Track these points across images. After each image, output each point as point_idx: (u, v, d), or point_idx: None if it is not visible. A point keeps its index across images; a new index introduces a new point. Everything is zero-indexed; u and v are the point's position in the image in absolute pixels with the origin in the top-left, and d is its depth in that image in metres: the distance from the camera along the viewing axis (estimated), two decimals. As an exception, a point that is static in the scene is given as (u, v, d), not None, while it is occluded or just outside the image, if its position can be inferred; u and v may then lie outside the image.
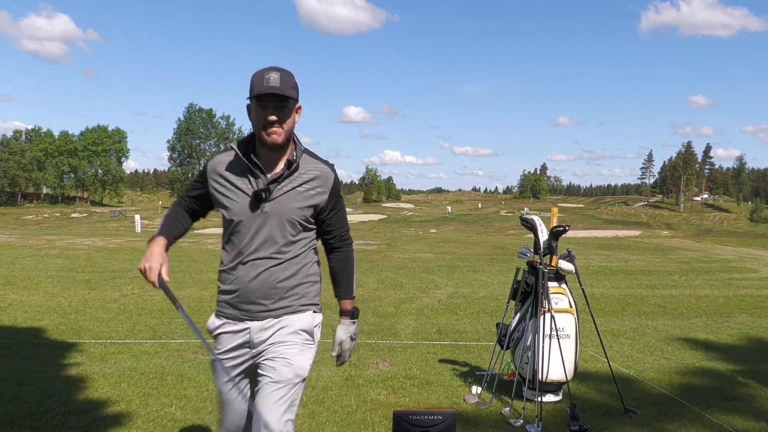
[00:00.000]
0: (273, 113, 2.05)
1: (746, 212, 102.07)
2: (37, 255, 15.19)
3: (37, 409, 3.87)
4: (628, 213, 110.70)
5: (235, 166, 2.17)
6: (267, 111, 2.05)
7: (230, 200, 2.15)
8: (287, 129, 2.10)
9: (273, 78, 2.03)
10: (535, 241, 4.38)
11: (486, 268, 13.96)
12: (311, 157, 2.22)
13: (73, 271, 11.87)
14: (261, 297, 2.17)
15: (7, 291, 9.12)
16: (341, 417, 3.87)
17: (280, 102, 2.06)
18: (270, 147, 2.11)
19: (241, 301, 2.19)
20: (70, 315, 7.33)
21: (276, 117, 2.05)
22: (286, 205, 2.13)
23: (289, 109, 2.09)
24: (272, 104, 2.05)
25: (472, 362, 5.38)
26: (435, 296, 9.56)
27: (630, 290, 10.81)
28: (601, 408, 4.18)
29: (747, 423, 3.94)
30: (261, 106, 2.06)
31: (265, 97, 2.04)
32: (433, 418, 2.84)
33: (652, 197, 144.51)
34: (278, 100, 2.05)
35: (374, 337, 6.37)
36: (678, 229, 71.50)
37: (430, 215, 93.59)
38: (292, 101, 2.09)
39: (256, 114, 2.09)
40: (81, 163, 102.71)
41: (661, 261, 16.97)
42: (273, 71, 2.05)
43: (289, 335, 2.19)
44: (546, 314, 4.15)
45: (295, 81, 2.12)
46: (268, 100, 2.04)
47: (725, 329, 7.34)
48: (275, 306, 2.18)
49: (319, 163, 2.22)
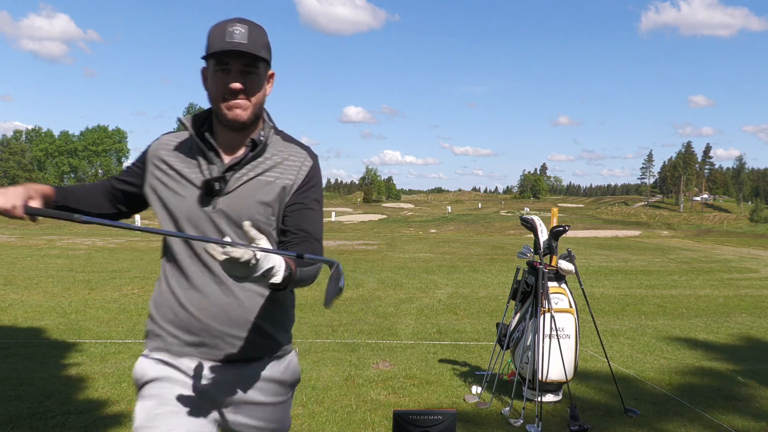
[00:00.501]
0: (237, 80, 1.52)
1: (746, 212, 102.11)
2: (37, 255, 15.20)
3: (37, 409, 3.87)
4: (628, 213, 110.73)
5: (184, 149, 1.63)
6: (229, 77, 1.52)
7: (174, 194, 1.59)
8: (255, 102, 1.57)
9: (239, 32, 1.50)
10: (535, 241, 4.38)
11: (486, 268, 13.96)
12: (285, 141, 1.68)
13: (73, 271, 11.87)
14: (214, 331, 1.57)
15: (7, 291, 9.12)
16: (341, 417, 3.87)
17: (248, 65, 1.53)
18: (231, 125, 1.56)
19: (187, 336, 1.58)
20: (70, 315, 7.33)
21: (241, 85, 1.52)
22: (246, 199, 1.56)
23: (259, 75, 1.56)
24: (237, 68, 1.52)
25: (472, 362, 5.38)
26: (435, 296, 9.56)
27: (630, 290, 10.81)
28: (601, 408, 4.18)
29: (747, 423, 3.94)
30: (221, 70, 1.52)
31: (227, 58, 1.51)
32: (433, 418, 2.85)
33: (652, 197, 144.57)
34: (245, 62, 1.52)
35: (374, 337, 6.37)
36: (678, 229, 71.52)
37: (430, 215, 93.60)
38: (263, 65, 1.57)
39: (214, 80, 1.54)
40: (81, 163, 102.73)
41: (661, 261, 16.97)
42: (238, 24, 1.52)
43: (256, 391, 1.63)
44: (546, 314, 4.15)
45: (267, 39, 1.59)
46: (231, 61, 1.51)
47: (725, 329, 7.34)
48: (233, 345, 1.58)
49: (294, 146, 1.67)
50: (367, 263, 14.61)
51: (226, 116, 1.55)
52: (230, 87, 1.52)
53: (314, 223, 1.61)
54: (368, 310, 8.09)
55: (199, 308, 1.57)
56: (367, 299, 8.95)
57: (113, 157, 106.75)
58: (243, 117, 1.55)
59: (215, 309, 1.57)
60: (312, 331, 6.55)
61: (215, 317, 1.57)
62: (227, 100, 1.54)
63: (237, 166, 1.58)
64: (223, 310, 1.57)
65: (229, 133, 1.60)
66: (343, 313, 7.78)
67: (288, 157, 1.63)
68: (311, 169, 1.65)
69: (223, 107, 1.54)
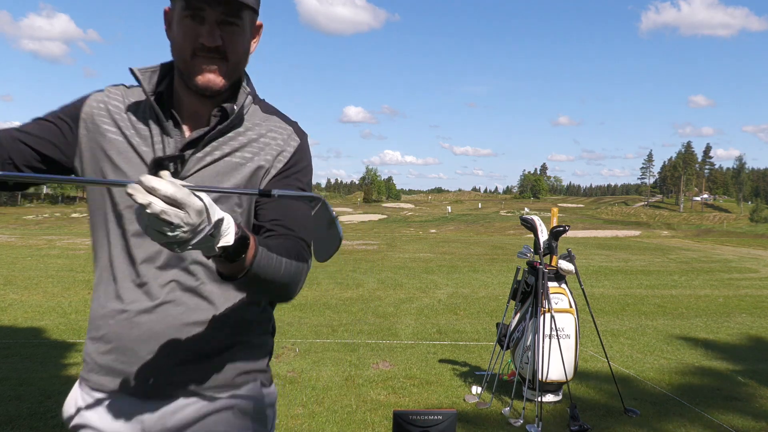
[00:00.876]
0: (214, 33, 1.11)
1: (746, 212, 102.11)
2: (37, 255, 15.20)
3: (37, 409, 3.87)
4: (628, 213, 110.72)
5: (133, 110, 1.21)
6: (202, 27, 1.11)
7: (114, 168, 1.17)
8: (235, 63, 1.17)
9: None
10: (535, 241, 4.38)
11: (486, 268, 13.96)
12: (266, 112, 1.27)
13: (73, 271, 11.87)
14: (165, 361, 1.16)
15: (7, 291, 9.12)
16: (341, 417, 3.87)
17: (229, 14, 1.12)
18: (200, 91, 1.16)
19: (129, 366, 1.17)
20: (70, 315, 7.33)
21: (219, 41, 1.12)
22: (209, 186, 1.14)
23: (243, 28, 1.16)
24: (214, 17, 1.11)
25: (472, 362, 5.38)
26: (435, 296, 9.56)
27: (630, 290, 10.81)
28: (601, 408, 4.18)
29: (747, 423, 3.94)
30: (192, 17, 1.11)
31: (201, 2, 1.10)
32: (433, 418, 2.85)
33: (651, 197, 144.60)
34: (225, 10, 1.11)
35: (374, 337, 6.37)
36: (678, 229, 71.51)
37: (430, 215, 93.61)
38: (249, 14, 1.16)
39: (181, 29, 1.13)
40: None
41: (661, 261, 16.97)
42: None
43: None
44: (546, 314, 4.15)
45: None
46: (207, 8, 1.10)
47: (725, 329, 7.34)
48: (190, 377, 1.18)
49: (277, 119, 1.27)
50: (367, 263, 14.61)
51: (194, 80, 1.14)
52: (203, 43, 1.11)
53: (298, 217, 1.17)
54: (368, 310, 8.09)
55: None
56: (367, 299, 8.95)
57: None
58: (217, 83, 1.15)
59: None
60: (312, 331, 6.55)
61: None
62: (197, 57, 1.13)
63: (200, 142, 1.16)
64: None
65: (195, 99, 1.19)
66: (343, 313, 7.78)
67: (266, 132, 1.23)
68: (297, 150, 1.24)
69: (193, 67, 1.13)
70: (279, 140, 1.23)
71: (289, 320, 7.16)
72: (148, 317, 1.15)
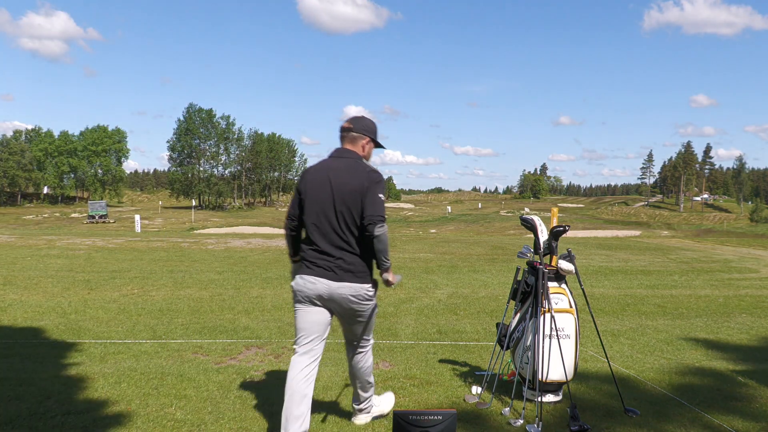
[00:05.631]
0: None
1: (746, 212, 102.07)
2: (37, 255, 15.20)
3: (37, 409, 3.87)
4: (628, 213, 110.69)
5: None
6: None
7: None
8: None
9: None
10: (535, 241, 4.37)
11: (486, 268, 13.96)
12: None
13: (73, 271, 11.87)
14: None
15: (7, 291, 9.13)
16: (341, 417, 3.87)
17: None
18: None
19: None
20: (70, 315, 7.33)
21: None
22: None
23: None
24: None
25: (472, 362, 5.38)
26: (435, 296, 9.56)
27: (630, 290, 10.81)
28: (601, 408, 4.18)
29: (747, 423, 3.94)
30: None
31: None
32: (433, 418, 2.84)
33: (652, 197, 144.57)
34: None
35: (374, 337, 6.36)
36: (678, 229, 71.48)
37: (430, 215, 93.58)
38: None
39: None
40: (81, 163, 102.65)
41: (661, 261, 16.97)
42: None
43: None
44: (546, 314, 4.15)
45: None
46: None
47: (725, 329, 7.34)
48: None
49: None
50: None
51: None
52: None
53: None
54: (368, 310, 8.09)
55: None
56: (367, 299, 8.96)
57: (113, 157, 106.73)
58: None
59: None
60: (312, 331, 6.55)
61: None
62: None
63: None
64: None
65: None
66: (343, 313, 7.78)
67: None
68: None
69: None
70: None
71: (289, 320, 7.16)
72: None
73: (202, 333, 6.43)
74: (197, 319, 7.27)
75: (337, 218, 3.29)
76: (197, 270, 12.55)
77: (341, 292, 3.28)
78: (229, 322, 7.02)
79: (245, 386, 4.49)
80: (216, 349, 5.67)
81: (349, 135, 3.48)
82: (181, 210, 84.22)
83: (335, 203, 3.28)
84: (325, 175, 3.35)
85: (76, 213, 73.62)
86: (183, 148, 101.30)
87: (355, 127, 3.49)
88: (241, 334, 6.38)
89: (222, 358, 5.38)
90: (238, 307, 8.07)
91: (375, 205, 3.22)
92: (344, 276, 3.28)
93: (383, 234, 3.20)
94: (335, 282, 3.28)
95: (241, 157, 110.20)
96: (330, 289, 3.29)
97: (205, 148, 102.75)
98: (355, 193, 3.25)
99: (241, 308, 8.01)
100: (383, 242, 3.21)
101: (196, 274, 11.87)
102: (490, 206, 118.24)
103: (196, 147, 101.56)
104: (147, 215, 67.07)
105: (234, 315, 7.54)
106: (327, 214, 3.30)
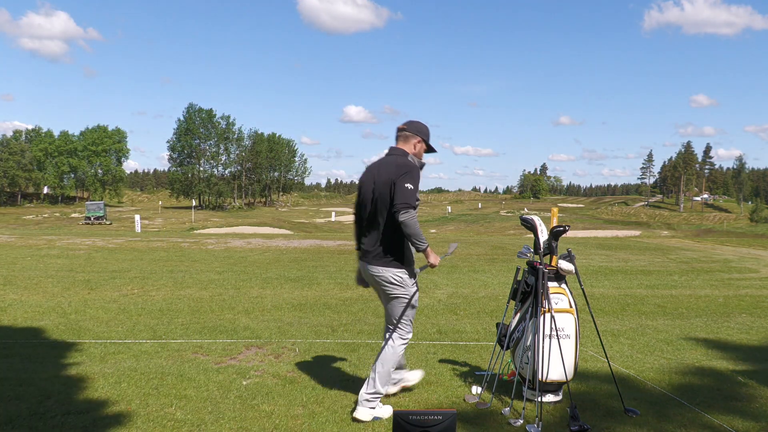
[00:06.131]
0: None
1: (746, 212, 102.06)
2: (37, 255, 15.20)
3: (37, 409, 3.87)
4: (628, 213, 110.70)
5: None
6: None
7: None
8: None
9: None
10: (535, 241, 4.38)
11: (486, 268, 13.96)
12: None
13: (73, 271, 11.87)
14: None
15: (7, 291, 9.13)
16: (341, 417, 3.87)
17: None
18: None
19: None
20: (70, 315, 7.33)
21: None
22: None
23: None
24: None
25: (472, 362, 5.38)
26: (435, 296, 9.56)
27: (630, 290, 10.81)
28: (601, 408, 4.18)
29: (747, 423, 3.94)
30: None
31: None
32: (433, 418, 2.84)
33: (652, 197, 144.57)
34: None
35: (374, 337, 6.36)
36: (678, 229, 71.49)
37: (430, 215, 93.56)
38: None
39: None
40: (81, 163, 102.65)
41: (661, 261, 16.96)
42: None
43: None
44: (546, 314, 4.15)
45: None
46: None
47: (725, 329, 7.34)
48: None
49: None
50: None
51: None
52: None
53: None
54: (368, 310, 8.09)
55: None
56: (367, 299, 8.94)
57: (113, 157, 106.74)
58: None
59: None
60: (312, 331, 6.55)
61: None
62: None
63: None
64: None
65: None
66: (343, 313, 7.78)
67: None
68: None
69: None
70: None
71: (289, 320, 7.16)
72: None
73: (202, 333, 6.43)
74: (197, 319, 7.27)
75: (375, 208, 3.81)
76: (197, 270, 12.55)
77: (372, 273, 3.87)
78: (229, 322, 7.02)
79: (245, 386, 4.49)
80: (216, 349, 5.67)
81: (402, 134, 3.97)
82: (181, 210, 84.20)
83: (374, 195, 3.80)
84: (370, 171, 3.90)
85: (76, 213, 73.60)
86: (183, 148, 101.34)
87: (409, 128, 3.97)
88: (241, 334, 6.38)
89: (222, 358, 5.38)
90: (238, 307, 8.07)
91: (400, 194, 3.60)
92: (374, 260, 3.85)
93: (408, 219, 3.58)
94: (369, 266, 3.89)
95: (241, 157, 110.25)
96: (367, 272, 3.93)
97: (205, 148, 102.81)
98: (386, 184, 3.71)
99: (241, 308, 8.01)
100: (410, 226, 3.60)
101: (196, 274, 11.87)
102: (490, 206, 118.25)
103: (196, 147, 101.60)
104: (147, 215, 67.05)
105: (234, 315, 7.54)
106: (368, 206, 3.87)
